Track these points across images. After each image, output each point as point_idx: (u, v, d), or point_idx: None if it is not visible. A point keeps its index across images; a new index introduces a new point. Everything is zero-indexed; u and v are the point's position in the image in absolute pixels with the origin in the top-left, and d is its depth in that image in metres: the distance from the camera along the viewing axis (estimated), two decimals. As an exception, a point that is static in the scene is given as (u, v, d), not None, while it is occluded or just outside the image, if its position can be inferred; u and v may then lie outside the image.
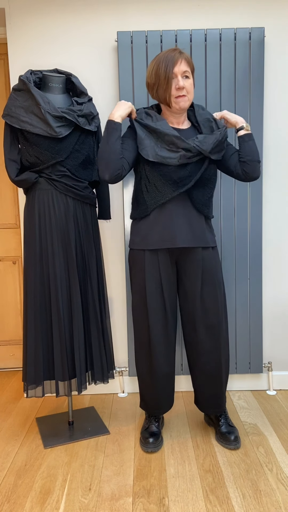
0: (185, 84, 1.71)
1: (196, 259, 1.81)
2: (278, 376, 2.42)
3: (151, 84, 1.75)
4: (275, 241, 2.34)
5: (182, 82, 1.70)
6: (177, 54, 1.70)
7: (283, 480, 1.65)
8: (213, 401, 1.92)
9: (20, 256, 2.74)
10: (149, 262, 1.81)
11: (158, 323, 1.83)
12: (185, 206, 1.79)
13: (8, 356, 2.82)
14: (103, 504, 1.56)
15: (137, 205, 1.84)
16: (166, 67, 1.69)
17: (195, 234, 1.79)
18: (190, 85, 1.74)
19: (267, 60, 2.21)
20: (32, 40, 2.20)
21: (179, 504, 1.54)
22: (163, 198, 1.76)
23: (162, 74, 1.69)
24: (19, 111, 1.82)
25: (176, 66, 1.69)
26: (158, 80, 1.71)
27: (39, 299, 1.89)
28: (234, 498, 1.56)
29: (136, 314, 1.87)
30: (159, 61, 1.71)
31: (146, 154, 1.74)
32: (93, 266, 1.96)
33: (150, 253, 1.81)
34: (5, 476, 1.73)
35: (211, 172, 1.80)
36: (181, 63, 1.70)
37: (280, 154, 2.27)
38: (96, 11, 2.19)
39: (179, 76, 1.70)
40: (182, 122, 1.83)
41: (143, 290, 1.82)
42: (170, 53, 1.70)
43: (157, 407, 1.92)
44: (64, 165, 1.86)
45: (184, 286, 1.86)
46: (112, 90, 2.24)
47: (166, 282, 1.82)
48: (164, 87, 1.71)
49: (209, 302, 1.83)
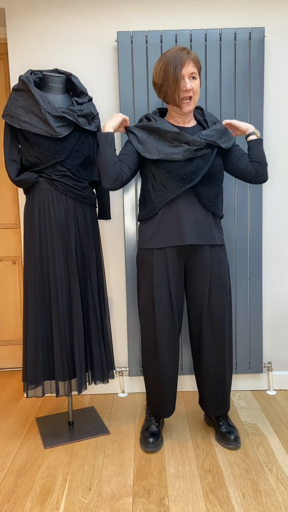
0: (192, 85, 1.72)
1: (203, 257, 1.82)
2: (278, 376, 2.42)
3: (159, 85, 1.75)
4: (275, 241, 2.34)
5: (189, 84, 1.70)
6: (185, 54, 1.70)
7: (283, 480, 1.65)
8: (217, 402, 1.92)
9: (20, 256, 2.74)
10: (157, 260, 1.81)
11: (165, 321, 1.83)
12: (192, 203, 1.79)
13: (8, 356, 2.82)
14: (103, 504, 1.56)
15: (145, 206, 1.85)
16: (175, 68, 1.69)
17: (203, 231, 1.79)
18: (197, 86, 1.74)
19: (267, 60, 2.21)
20: (32, 40, 2.20)
21: (179, 504, 1.54)
22: (171, 195, 1.76)
23: (171, 75, 1.70)
24: (19, 111, 1.82)
25: (184, 68, 1.69)
26: (167, 81, 1.71)
27: (39, 299, 1.89)
28: (234, 498, 1.56)
29: (144, 313, 1.87)
30: (167, 61, 1.71)
31: (150, 154, 1.76)
32: (93, 266, 1.96)
33: (158, 251, 1.81)
34: (5, 476, 1.73)
35: (217, 167, 1.80)
36: (189, 65, 1.70)
37: (280, 154, 2.27)
38: (96, 11, 2.19)
39: (186, 78, 1.70)
40: (188, 121, 1.84)
41: (151, 289, 1.82)
42: (178, 53, 1.70)
43: (165, 408, 1.92)
44: (64, 165, 1.86)
45: (191, 285, 1.86)
46: (112, 90, 2.24)
47: (174, 281, 1.82)
48: (173, 88, 1.71)
49: (216, 302, 1.84)
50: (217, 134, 1.78)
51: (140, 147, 1.78)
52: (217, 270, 1.83)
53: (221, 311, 1.84)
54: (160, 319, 1.82)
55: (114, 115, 1.79)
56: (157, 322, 1.82)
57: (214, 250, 1.83)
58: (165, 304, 1.82)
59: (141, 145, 1.78)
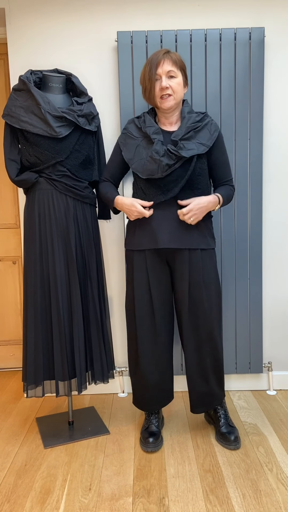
0: (169, 83, 1.73)
1: (182, 261, 1.83)
2: (278, 376, 2.42)
3: (143, 88, 1.80)
4: (275, 241, 2.34)
5: (165, 82, 1.73)
6: (161, 55, 1.74)
7: (283, 480, 1.65)
8: (200, 399, 1.92)
9: (20, 256, 2.74)
10: (137, 261, 1.86)
11: (145, 318, 1.87)
12: (172, 206, 1.80)
13: (8, 356, 2.82)
14: (103, 504, 1.56)
15: None
16: (150, 69, 1.74)
17: (179, 235, 1.80)
18: (177, 84, 1.75)
19: (267, 60, 2.21)
20: (32, 40, 2.20)
21: (179, 504, 1.54)
22: (149, 201, 1.80)
23: (147, 76, 1.75)
24: (19, 111, 1.82)
25: (159, 67, 1.73)
26: (145, 82, 1.77)
27: (39, 299, 1.89)
28: (234, 498, 1.56)
29: (127, 309, 1.93)
30: (146, 63, 1.77)
31: (135, 168, 1.82)
32: (93, 266, 1.96)
33: (138, 253, 1.86)
34: (5, 476, 1.73)
35: (198, 172, 1.79)
36: (164, 64, 1.73)
37: (280, 154, 2.27)
38: (96, 11, 2.19)
39: (163, 76, 1.73)
40: (174, 122, 1.86)
41: (131, 287, 1.89)
42: (156, 54, 1.75)
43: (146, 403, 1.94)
44: (64, 165, 1.86)
45: (175, 286, 1.90)
46: (112, 90, 2.24)
47: (155, 281, 1.85)
48: (149, 88, 1.76)
49: (196, 303, 1.85)
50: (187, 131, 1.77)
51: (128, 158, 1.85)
52: (197, 271, 1.83)
53: (202, 311, 1.84)
54: (139, 316, 1.87)
55: (133, 210, 1.80)
56: (137, 319, 1.87)
57: (194, 253, 1.83)
58: (145, 301, 1.86)
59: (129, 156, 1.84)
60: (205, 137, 1.80)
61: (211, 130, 1.83)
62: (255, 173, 2.22)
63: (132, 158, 1.83)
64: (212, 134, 1.82)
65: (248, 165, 2.22)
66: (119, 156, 1.91)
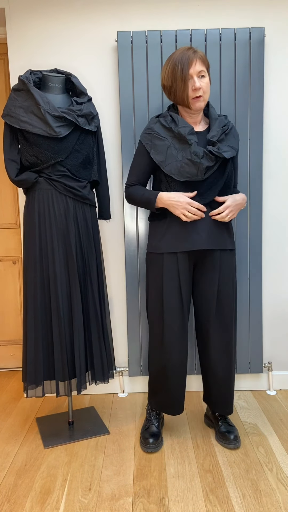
0: (201, 84, 1.71)
1: (214, 261, 1.82)
2: (278, 376, 2.42)
3: (168, 87, 1.75)
4: (275, 241, 2.34)
5: (198, 83, 1.69)
6: (191, 54, 1.69)
7: (283, 480, 1.65)
8: (223, 400, 1.92)
9: (20, 256, 2.74)
10: (168, 265, 1.80)
11: (175, 323, 1.83)
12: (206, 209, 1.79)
13: (8, 356, 2.82)
14: (103, 504, 1.56)
15: None
16: (182, 68, 1.68)
17: (213, 236, 1.79)
18: (206, 84, 1.73)
19: (267, 60, 2.21)
20: (32, 40, 2.20)
21: (179, 504, 1.54)
22: None
23: (179, 76, 1.69)
24: (18, 111, 1.82)
25: (192, 67, 1.68)
26: (175, 82, 1.71)
27: (39, 299, 1.89)
28: (234, 498, 1.56)
29: (152, 314, 1.87)
30: (174, 62, 1.70)
31: (170, 171, 1.75)
32: (93, 266, 1.96)
33: (168, 256, 1.81)
34: (5, 476, 1.73)
35: (231, 173, 1.80)
36: (197, 63, 1.69)
37: (280, 154, 2.27)
38: (96, 11, 2.19)
39: (195, 77, 1.69)
40: (199, 122, 1.83)
41: (160, 292, 1.82)
42: (185, 53, 1.69)
43: (169, 406, 1.91)
44: (64, 165, 1.86)
45: (201, 287, 1.86)
46: (112, 90, 2.24)
47: (184, 284, 1.82)
48: (181, 89, 1.71)
49: (224, 303, 1.85)
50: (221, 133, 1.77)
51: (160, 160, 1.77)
52: (227, 272, 1.84)
53: (229, 311, 1.86)
54: (170, 322, 1.82)
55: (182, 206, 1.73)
56: (166, 324, 1.82)
57: (224, 254, 1.83)
58: (176, 307, 1.82)
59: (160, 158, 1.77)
60: (233, 141, 1.81)
61: (235, 134, 1.84)
62: (255, 173, 2.22)
63: (164, 161, 1.76)
64: (235, 138, 1.84)
65: (248, 165, 2.22)
66: (146, 159, 1.83)
